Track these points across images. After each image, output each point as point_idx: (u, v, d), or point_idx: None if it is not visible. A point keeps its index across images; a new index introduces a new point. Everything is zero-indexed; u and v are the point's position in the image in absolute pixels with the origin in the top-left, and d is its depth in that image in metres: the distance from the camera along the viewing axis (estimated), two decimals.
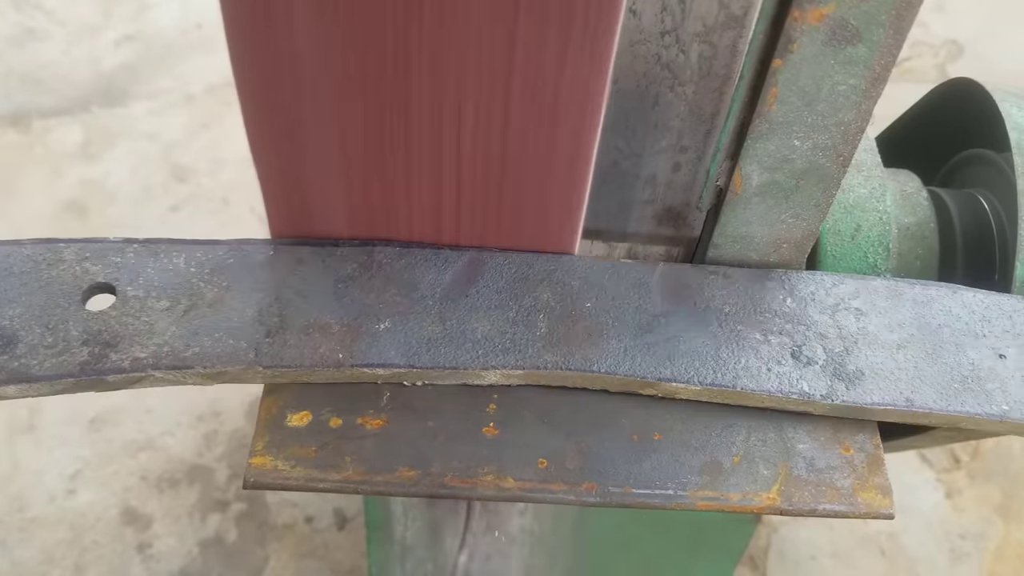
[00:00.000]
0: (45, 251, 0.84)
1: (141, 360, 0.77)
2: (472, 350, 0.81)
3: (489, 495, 0.75)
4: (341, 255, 0.86)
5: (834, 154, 0.80)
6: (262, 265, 0.85)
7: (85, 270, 0.83)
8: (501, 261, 0.87)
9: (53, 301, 0.80)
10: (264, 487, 0.73)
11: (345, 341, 0.80)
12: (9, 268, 0.82)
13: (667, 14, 0.76)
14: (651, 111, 0.83)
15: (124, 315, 0.80)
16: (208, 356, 0.78)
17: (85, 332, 0.79)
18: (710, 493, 0.77)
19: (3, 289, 0.81)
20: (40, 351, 0.77)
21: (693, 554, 1.24)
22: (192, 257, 0.84)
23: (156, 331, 0.79)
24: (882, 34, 0.72)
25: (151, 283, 0.82)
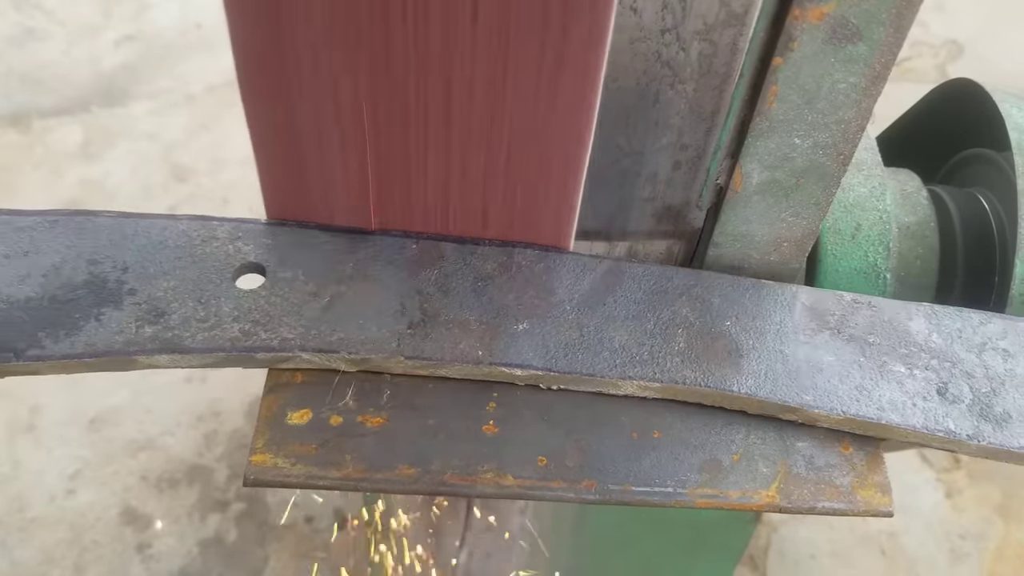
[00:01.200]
0: (199, 228, 0.85)
1: (289, 341, 0.79)
2: (609, 359, 0.81)
3: (489, 492, 0.75)
4: (481, 254, 0.87)
5: (834, 152, 0.80)
6: (406, 258, 0.86)
7: (237, 249, 0.84)
8: (640, 272, 0.87)
9: (205, 276, 0.82)
10: (264, 484, 0.73)
11: (484, 339, 0.81)
12: (164, 241, 0.84)
13: (668, 12, 0.76)
14: (652, 109, 0.83)
15: (273, 295, 0.82)
16: (352, 342, 0.80)
17: (236, 309, 0.80)
18: (709, 491, 0.77)
19: (158, 261, 0.83)
20: (192, 324, 0.79)
21: (693, 553, 1.24)
22: (339, 244, 0.86)
23: (303, 313, 0.81)
24: (882, 32, 0.72)
25: (299, 266, 0.84)
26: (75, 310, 0.79)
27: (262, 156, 0.81)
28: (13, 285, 0.80)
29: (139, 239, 0.84)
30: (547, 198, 0.81)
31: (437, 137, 0.76)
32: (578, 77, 0.69)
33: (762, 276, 0.91)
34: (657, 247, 0.94)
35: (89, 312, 0.79)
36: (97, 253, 0.83)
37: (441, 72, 0.71)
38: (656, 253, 0.95)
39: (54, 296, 0.80)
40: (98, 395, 1.97)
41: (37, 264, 0.82)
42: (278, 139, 0.79)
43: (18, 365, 0.77)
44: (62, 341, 0.77)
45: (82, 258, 0.82)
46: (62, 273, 0.81)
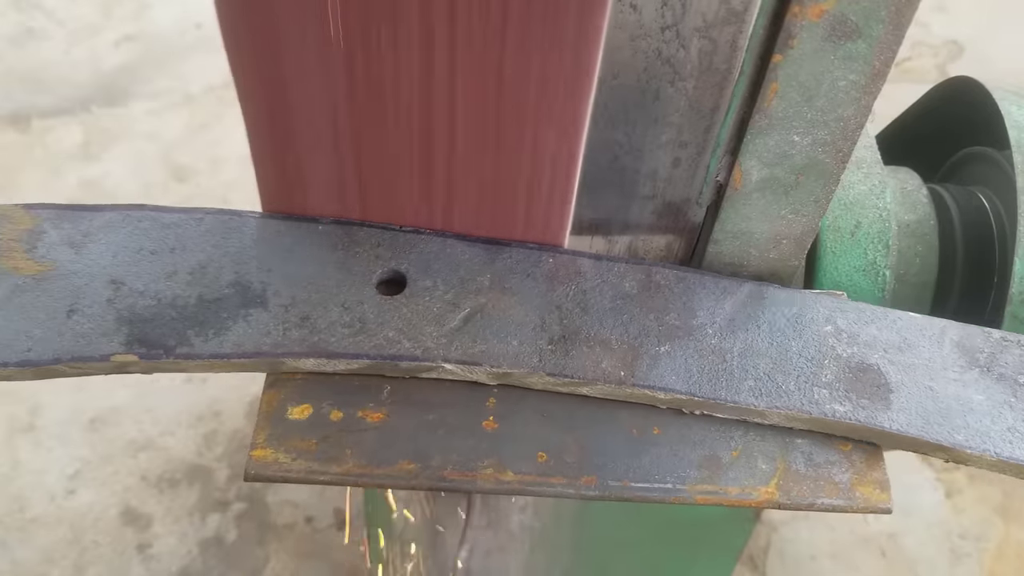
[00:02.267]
0: (342, 233, 0.86)
1: (432, 351, 0.79)
2: (754, 387, 0.81)
3: (488, 488, 0.75)
4: (619, 271, 0.86)
5: (834, 150, 0.81)
6: (543, 272, 0.86)
7: (378, 256, 0.85)
8: (783, 298, 0.87)
9: (348, 282, 0.83)
10: (265, 479, 0.74)
11: (626, 359, 0.81)
12: (307, 244, 0.84)
13: (668, 9, 0.76)
14: (651, 106, 0.83)
15: (415, 304, 0.82)
16: (495, 355, 0.80)
17: (379, 316, 0.81)
18: (709, 487, 0.77)
19: (301, 264, 0.83)
20: (337, 329, 0.80)
21: (693, 551, 1.25)
22: (477, 255, 0.86)
23: (445, 323, 0.81)
24: (881, 30, 0.72)
25: (439, 275, 0.84)
26: (222, 309, 0.80)
27: (257, 150, 0.81)
28: (160, 281, 0.81)
29: (283, 240, 0.84)
30: (547, 193, 0.81)
31: (432, 131, 0.76)
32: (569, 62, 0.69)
33: (762, 273, 0.91)
34: (657, 244, 0.94)
35: (236, 312, 0.80)
36: (243, 253, 0.83)
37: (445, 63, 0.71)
38: (656, 250, 0.95)
39: (201, 295, 0.81)
40: (98, 395, 1.97)
41: (184, 261, 0.82)
42: (273, 132, 0.79)
43: (168, 362, 0.77)
44: (211, 340, 0.78)
45: (228, 257, 0.83)
46: (208, 271, 0.82)
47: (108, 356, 0.76)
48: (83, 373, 0.77)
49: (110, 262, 0.82)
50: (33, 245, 0.82)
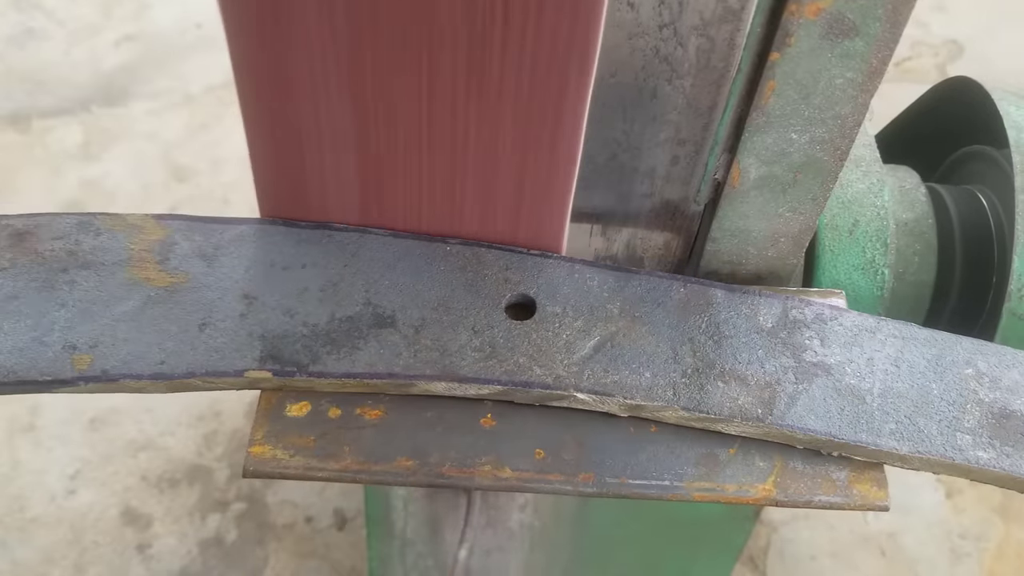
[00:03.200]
0: (469, 254, 0.85)
1: (563, 379, 0.78)
2: (896, 431, 0.79)
3: (487, 485, 0.75)
4: (752, 303, 0.85)
5: (831, 147, 0.81)
6: (674, 301, 0.85)
7: (507, 279, 0.84)
8: (923, 337, 0.85)
9: (477, 305, 0.82)
10: (263, 476, 0.74)
11: (763, 397, 0.79)
12: (435, 265, 0.84)
13: (665, 7, 0.76)
14: (649, 104, 0.83)
15: (545, 330, 0.81)
16: (628, 387, 0.79)
17: (509, 341, 0.80)
18: (706, 484, 0.77)
19: (430, 286, 0.83)
20: (468, 353, 0.79)
21: (692, 550, 1.25)
22: (605, 281, 0.85)
23: (575, 351, 0.80)
24: (878, 28, 0.72)
25: (568, 301, 0.83)
26: (353, 329, 0.80)
27: (257, 153, 0.81)
28: (292, 298, 0.81)
29: (411, 259, 0.84)
30: (551, 194, 0.81)
31: (432, 137, 0.76)
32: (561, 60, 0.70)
33: (760, 272, 0.91)
34: (655, 242, 0.94)
35: (367, 332, 0.80)
36: (372, 271, 0.83)
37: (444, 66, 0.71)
38: (654, 248, 0.95)
39: (333, 313, 0.80)
40: (98, 395, 1.96)
41: (315, 279, 0.82)
42: (275, 136, 0.79)
43: (300, 380, 0.77)
44: (343, 359, 0.78)
45: (358, 275, 0.83)
46: (339, 289, 0.82)
47: (242, 372, 0.77)
48: (215, 388, 0.77)
49: (242, 276, 0.82)
50: (165, 257, 0.82)
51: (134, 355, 0.76)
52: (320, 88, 0.73)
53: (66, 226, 0.84)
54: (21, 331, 0.77)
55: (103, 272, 0.81)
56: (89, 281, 0.80)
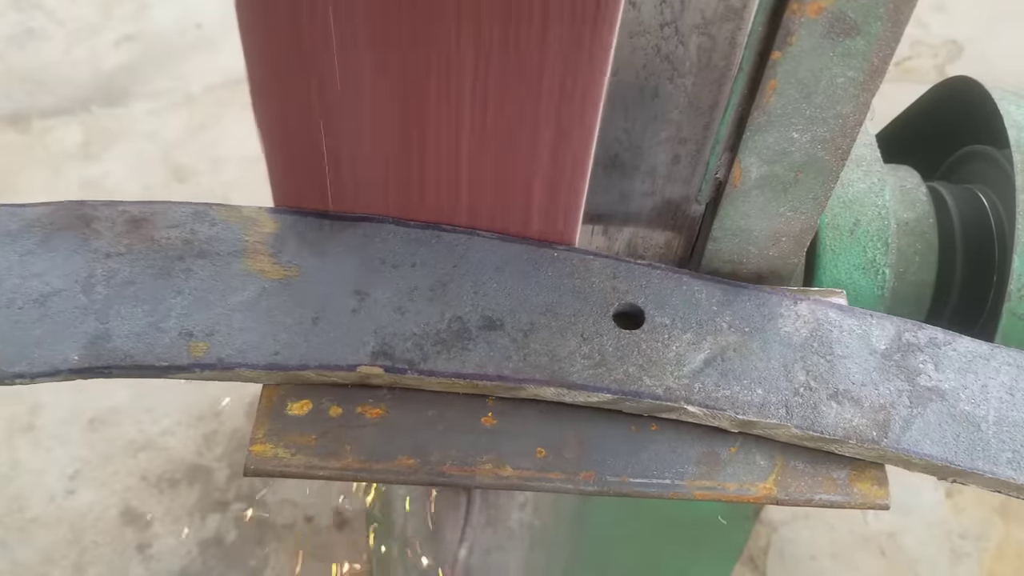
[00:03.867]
0: (577, 260, 0.85)
1: (674, 391, 0.78)
2: (1012, 459, 0.78)
3: (487, 483, 0.75)
4: (867, 324, 0.84)
5: (832, 147, 0.81)
6: (786, 317, 0.84)
7: (615, 287, 0.84)
8: None
9: (586, 312, 0.82)
10: (264, 474, 0.74)
11: (878, 419, 0.79)
12: (542, 269, 0.84)
13: (666, 6, 0.76)
14: (651, 103, 0.83)
15: (654, 341, 0.81)
16: (739, 402, 0.78)
17: (618, 350, 0.80)
18: (707, 483, 0.77)
19: (538, 290, 0.83)
20: (577, 359, 0.79)
21: (693, 549, 1.25)
22: (713, 294, 0.85)
23: (685, 364, 0.80)
24: (880, 27, 0.72)
25: (677, 313, 0.83)
26: (463, 330, 0.80)
27: (271, 144, 0.80)
28: (403, 296, 0.81)
29: (519, 265, 0.84)
30: (567, 190, 0.81)
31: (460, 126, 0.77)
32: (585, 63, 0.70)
33: (761, 271, 0.91)
34: (656, 241, 0.94)
35: (476, 334, 0.80)
36: (481, 273, 0.83)
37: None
38: (655, 247, 0.95)
39: (442, 313, 0.81)
40: (98, 395, 1.97)
41: (425, 278, 0.82)
42: (288, 126, 0.78)
43: (411, 377, 0.77)
44: (453, 359, 0.78)
45: (467, 276, 0.83)
46: (449, 290, 0.82)
47: (355, 366, 0.77)
48: (327, 381, 0.78)
49: (353, 272, 0.82)
50: (278, 249, 0.83)
51: (249, 345, 0.77)
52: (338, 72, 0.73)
53: (182, 215, 0.84)
54: (138, 316, 0.78)
55: (218, 262, 0.82)
56: (205, 270, 0.81)
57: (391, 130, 0.77)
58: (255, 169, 0.82)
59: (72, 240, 0.82)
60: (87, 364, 0.76)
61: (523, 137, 0.76)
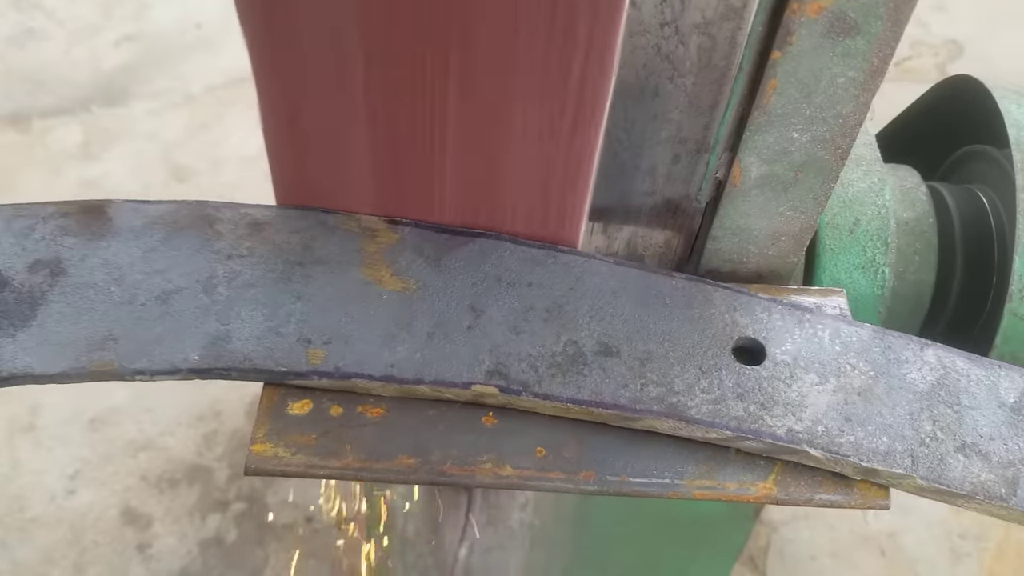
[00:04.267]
0: (696, 290, 0.84)
1: (796, 433, 0.76)
2: None
3: (487, 483, 0.75)
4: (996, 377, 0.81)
5: (832, 146, 0.81)
6: (914, 364, 0.82)
7: (734, 321, 0.82)
8: None
9: (704, 344, 0.80)
10: (265, 473, 0.74)
11: (1006, 475, 0.76)
12: (661, 297, 0.83)
13: (667, 5, 0.76)
14: (651, 102, 0.83)
15: (775, 379, 0.79)
16: (863, 449, 0.76)
17: (738, 386, 0.78)
18: (707, 482, 0.77)
19: (656, 317, 0.81)
20: (696, 393, 0.77)
21: (693, 549, 1.25)
22: (837, 335, 0.83)
23: (807, 405, 0.78)
24: (880, 27, 0.72)
25: (799, 351, 0.81)
26: (578, 354, 0.79)
27: (274, 140, 0.80)
28: (519, 316, 0.81)
29: (637, 291, 0.83)
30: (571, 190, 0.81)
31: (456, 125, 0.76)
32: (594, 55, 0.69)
33: (761, 270, 0.91)
34: (656, 240, 0.94)
35: (592, 359, 0.79)
36: (598, 298, 0.82)
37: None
38: (655, 246, 0.95)
39: (558, 336, 0.80)
40: (98, 395, 1.97)
41: (541, 298, 0.82)
42: (292, 122, 0.78)
43: (525, 399, 0.76)
44: (569, 384, 0.77)
45: (583, 300, 0.82)
46: (565, 312, 0.81)
47: (469, 384, 0.76)
48: (441, 396, 0.77)
49: (469, 288, 0.82)
50: (396, 261, 0.82)
51: (366, 355, 0.77)
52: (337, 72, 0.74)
53: (302, 221, 0.84)
54: (258, 319, 0.78)
55: (337, 270, 0.82)
56: (324, 277, 0.81)
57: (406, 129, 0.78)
58: (255, 169, 0.82)
59: (195, 240, 0.82)
60: (207, 365, 0.76)
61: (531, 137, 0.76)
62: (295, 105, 0.77)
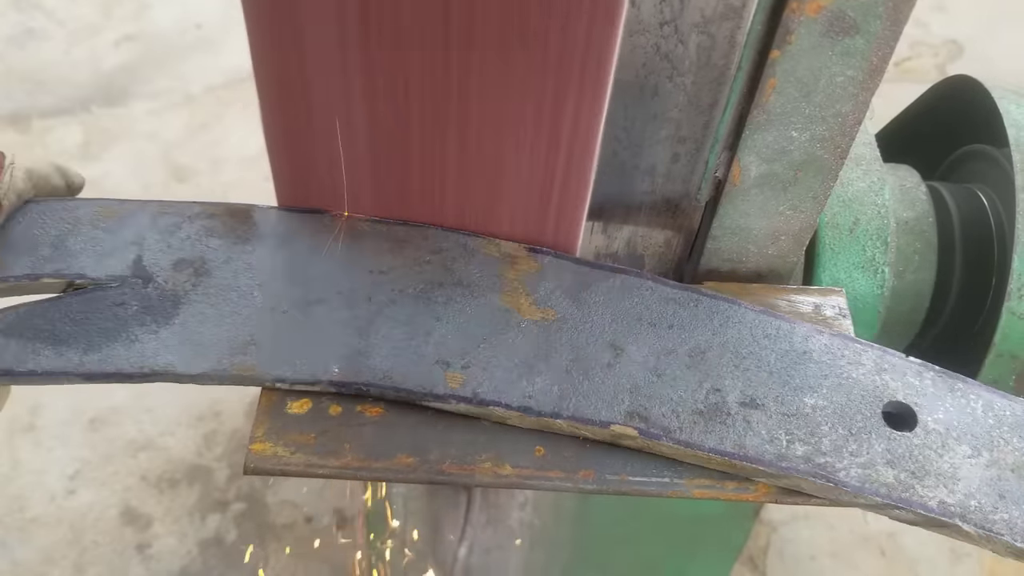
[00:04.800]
0: (844, 347, 0.82)
1: (948, 506, 0.74)
2: None
3: (486, 482, 0.75)
4: None
5: (832, 145, 0.81)
6: None
7: (884, 383, 0.80)
8: None
9: (853, 405, 0.78)
10: (264, 472, 0.74)
11: None
12: (808, 352, 0.81)
13: (666, 5, 0.76)
14: (650, 102, 0.83)
15: (927, 447, 0.76)
16: (1017, 529, 0.73)
17: (889, 451, 0.76)
18: (706, 481, 0.76)
19: (802, 373, 0.79)
20: (844, 455, 0.75)
21: (692, 549, 1.25)
22: (989, 406, 0.79)
23: (960, 478, 0.75)
24: (879, 26, 0.72)
25: (951, 421, 0.78)
26: (722, 403, 0.77)
27: (276, 144, 0.80)
28: (660, 357, 0.79)
29: (784, 343, 0.81)
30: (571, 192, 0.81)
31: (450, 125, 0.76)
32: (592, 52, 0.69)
33: (760, 270, 0.91)
34: (656, 239, 0.94)
35: (736, 410, 0.77)
36: (742, 346, 0.80)
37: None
38: (655, 245, 0.95)
39: (700, 382, 0.78)
40: (98, 395, 1.97)
41: (683, 341, 0.80)
42: (294, 125, 0.78)
43: (665, 445, 0.75)
44: (711, 434, 0.75)
45: (726, 347, 0.80)
46: (708, 358, 0.79)
47: (607, 424, 0.75)
48: (577, 433, 0.76)
49: (609, 325, 0.81)
50: (536, 290, 0.82)
51: (504, 383, 0.76)
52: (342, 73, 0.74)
53: (445, 242, 0.84)
54: (398, 337, 0.78)
55: (477, 293, 0.81)
56: (463, 300, 0.81)
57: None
58: (255, 169, 0.82)
59: (340, 251, 0.83)
60: (346, 379, 0.76)
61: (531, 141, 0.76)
62: (297, 104, 0.77)
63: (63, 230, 0.84)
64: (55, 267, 0.81)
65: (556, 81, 0.71)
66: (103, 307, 0.79)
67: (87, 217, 0.85)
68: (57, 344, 0.76)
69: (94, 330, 0.77)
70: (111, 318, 0.78)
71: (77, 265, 0.81)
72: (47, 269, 0.81)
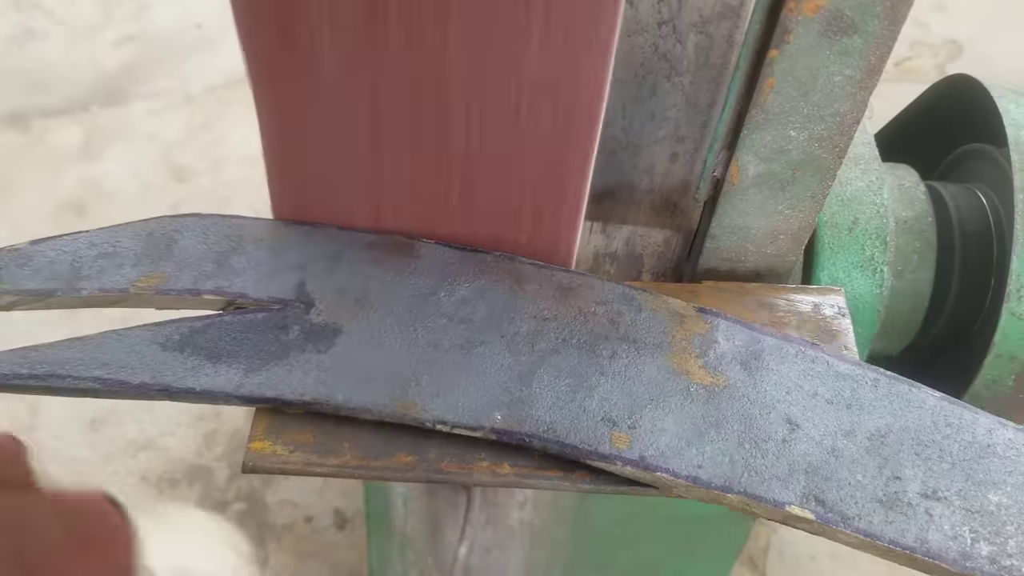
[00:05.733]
0: None
1: None
2: None
3: (485, 481, 0.74)
4: None
5: (830, 145, 0.81)
6: None
7: None
8: None
9: None
10: (263, 471, 0.73)
11: None
12: (992, 447, 0.76)
13: (664, 4, 0.77)
14: (648, 101, 0.83)
15: None
16: None
17: None
18: None
19: (987, 469, 0.75)
20: None
21: (692, 549, 1.25)
22: None
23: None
24: (877, 25, 0.72)
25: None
26: (901, 492, 0.73)
27: (274, 152, 0.80)
28: (838, 437, 0.75)
29: (963, 433, 0.77)
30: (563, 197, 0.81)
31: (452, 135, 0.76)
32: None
33: (759, 269, 0.92)
34: (655, 239, 0.94)
35: (917, 501, 0.72)
36: (924, 434, 0.76)
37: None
38: (653, 245, 0.95)
39: (880, 467, 0.74)
40: None
41: (862, 423, 0.76)
42: (292, 135, 0.78)
43: (842, 532, 0.71)
44: (891, 524, 0.71)
45: (908, 433, 0.76)
46: (887, 442, 0.75)
47: (783, 504, 0.71)
48: (751, 512, 0.73)
49: (783, 397, 0.77)
50: (705, 353, 0.79)
51: (672, 449, 0.73)
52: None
53: (610, 293, 0.82)
54: (561, 388, 0.76)
55: (643, 351, 0.79)
56: (629, 356, 0.78)
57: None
58: (256, 169, 0.82)
59: (503, 294, 0.81)
60: (510, 427, 0.73)
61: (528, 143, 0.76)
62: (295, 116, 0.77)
63: (227, 247, 0.83)
64: (217, 284, 0.80)
65: None
66: (265, 329, 0.77)
67: (251, 236, 0.84)
68: (217, 363, 0.75)
69: (255, 352, 0.76)
70: (273, 341, 0.77)
71: (239, 284, 0.80)
72: (208, 285, 0.80)
